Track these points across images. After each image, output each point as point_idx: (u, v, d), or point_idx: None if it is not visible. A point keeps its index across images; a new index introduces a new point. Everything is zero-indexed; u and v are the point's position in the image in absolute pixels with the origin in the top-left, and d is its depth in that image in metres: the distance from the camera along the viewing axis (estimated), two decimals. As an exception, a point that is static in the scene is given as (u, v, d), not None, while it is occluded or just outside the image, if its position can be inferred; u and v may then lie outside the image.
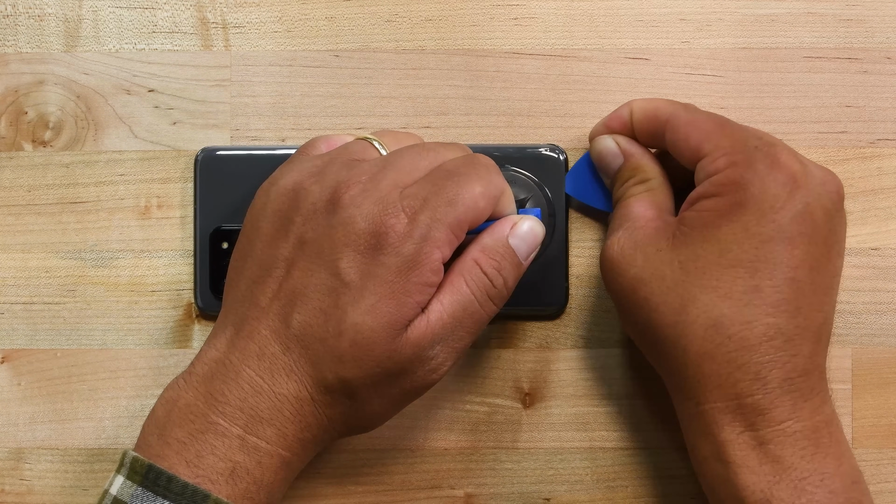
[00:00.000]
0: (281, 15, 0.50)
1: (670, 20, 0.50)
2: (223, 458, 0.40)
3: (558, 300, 0.49)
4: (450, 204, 0.40)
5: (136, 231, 0.50)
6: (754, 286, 0.41)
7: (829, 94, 0.50)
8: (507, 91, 0.50)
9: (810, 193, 0.41)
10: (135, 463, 0.40)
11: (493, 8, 0.50)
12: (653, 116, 0.45)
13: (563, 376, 0.49)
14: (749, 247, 0.41)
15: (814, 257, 0.41)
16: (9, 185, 0.50)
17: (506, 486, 0.49)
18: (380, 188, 0.40)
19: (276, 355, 0.40)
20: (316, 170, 0.42)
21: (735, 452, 0.41)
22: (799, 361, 0.41)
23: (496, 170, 0.42)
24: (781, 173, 0.41)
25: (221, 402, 0.40)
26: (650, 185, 0.46)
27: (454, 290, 0.41)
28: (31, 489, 0.49)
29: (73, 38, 0.50)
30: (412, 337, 0.40)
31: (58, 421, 0.50)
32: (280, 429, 0.40)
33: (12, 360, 0.50)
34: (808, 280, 0.41)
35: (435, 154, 0.42)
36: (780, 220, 0.41)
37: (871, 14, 0.50)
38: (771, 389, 0.40)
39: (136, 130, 0.50)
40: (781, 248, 0.41)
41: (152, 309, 0.50)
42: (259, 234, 0.42)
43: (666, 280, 0.42)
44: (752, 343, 0.40)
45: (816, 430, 0.41)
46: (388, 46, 0.50)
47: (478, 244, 0.42)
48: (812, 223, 0.41)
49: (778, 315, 0.41)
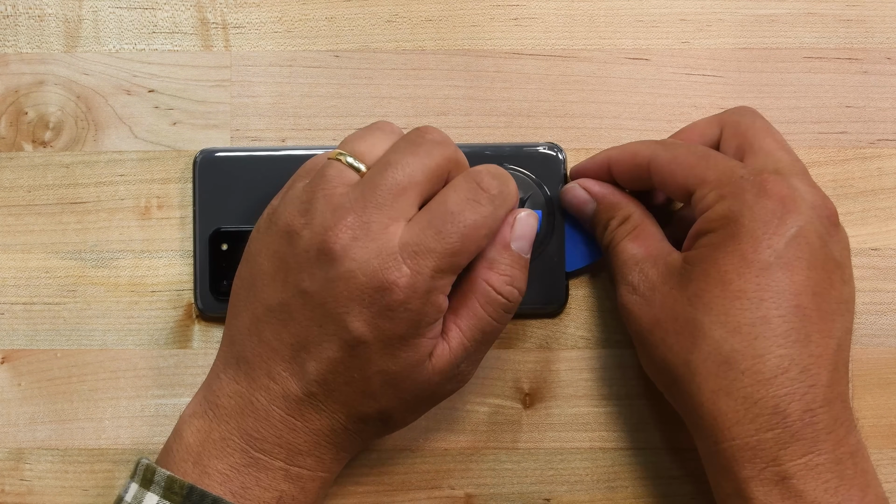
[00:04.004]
0: (281, 15, 0.50)
1: (670, 20, 0.50)
2: (269, 488, 0.41)
3: (558, 298, 0.49)
4: (453, 255, 0.40)
5: (136, 231, 0.50)
6: (761, 317, 0.40)
7: (829, 94, 0.50)
8: (507, 91, 0.50)
9: (801, 217, 0.41)
10: (171, 482, 0.40)
11: (493, 8, 0.50)
12: (632, 162, 0.45)
13: (563, 376, 0.49)
14: (750, 276, 0.40)
15: (815, 282, 0.40)
16: (9, 186, 0.50)
17: (506, 486, 0.49)
18: (371, 234, 0.39)
19: (301, 397, 0.41)
20: (303, 207, 0.41)
21: (757, 489, 0.40)
22: (818, 392, 0.40)
23: (495, 183, 0.41)
24: (770, 200, 0.41)
25: (258, 439, 0.41)
26: (633, 222, 0.45)
27: (471, 314, 0.42)
28: (31, 489, 0.49)
29: (74, 38, 0.50)
30: (437, 365, 0.42)
31: (58, 421, 0.50)
32: (319, 457, 0.42)
33: (12, 360, 0.50)
34: (813, 306, 0.40)
35: (410, 169, 0.40)
36: (776, 246, 0.40)
37: (871, 14, 0.50)
38: (791, 423, 0.39)
39: (137, 131, 0.50)
40: (782, 275, 0.40)
41: (152, 309, 0.50)
42: (260, 271, 0.42)
43: (678, 319, 0.41)
44: (766, 377, 0.40)
45: (840, 462, 0.40)
46: (388, 46, 0.50)
47: (484, 261, 0.42)
48: (808, 247, 0.40)
49: (789, 345, 0.40)
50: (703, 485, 0.49)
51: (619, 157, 0.45)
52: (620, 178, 0.46)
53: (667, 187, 0.43)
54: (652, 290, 0.43)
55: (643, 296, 0.43)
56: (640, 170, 0.44)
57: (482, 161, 0.48)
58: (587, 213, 0.47)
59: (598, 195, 0.46)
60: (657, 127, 0.50)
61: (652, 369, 0.44)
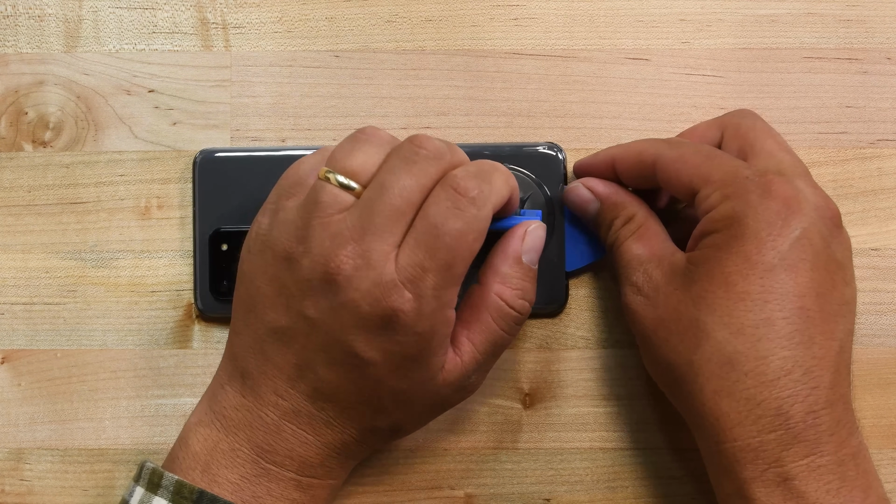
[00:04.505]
0: (281, 15, 0.50)
1: (670, 20, 0.50)
2: (280, 497, 0.42)
3: (558, 298, 0.49)
4: (448, 268, 0.39)
5: (136, 231, 0.50)
6: (765, 319, 0.40)
7: (829, 94, 0.50)
8: (507, 91, 0.50)
9: (805, 218, 0.41)
10: (180, 487, 0.40)
11: (493, 8, 0.50)
12: (637, 161, 0.45)
13: (563, 376, 0.49)
14: (754, 278, 0.40)
15: (818, 283, 0.40)
16: (9, 186, 0.50)
17: (506, 487, 0.49)
18: (371, 262, 0.39)
19: (313, 413, 0.41)
20: (299, 233, 0.40)
21: (759, 490, 0.40)
22: (821, 393, 0.40)
23: (472, 184, 0.40)
24: (775, 201, 0.41)
25: (269, 451, 0.41)
26: (637, 221, 0.45)
27: (483, 328, 0.42)
28: (31, 489, 0.49)
29: (74, 38, 0.50)
30: (449, 378, 0.42)
31: (58, 421, 0.50)
32: (329, 467, 0.43)
33: (12, 360, 0.50)
34: (816, 308, 0.40)
35: (407, 192, 0.39)
36: (780, 248, 0.40)
37: (871, 14, 0.50)
38: (794, 424, 0.39)
39: (137, 131, 0.50)
40: (786, 277, 0.40)
41: (152, 309, 0.50)
42: (259, 293, 0.41)
43: (682, 320, 0.41)
44: (769, 378, 0.40)
45: (842, 464, 0.40)
46: (388, 46, 0.50)
47: (496, 274, 0.42)
48: (811, 248, 0.40)
49: (793, 347, 0.40)
50: (703, 485, 0.49)
51: (623, 155, 0.45)
52: (625, 177, 0.46)
53: (671, 186, 0.43)
54: (656, 291, 0.43)
55: (647, 296, 0.43)
56: (645, 168, 0.44)
57: (482, 161, 0.48)
58: (590, 212, 0.47)
59: (602, 195, 0.46)
60: (657, 127, 0.50)
61: (655, 369, 0.44)
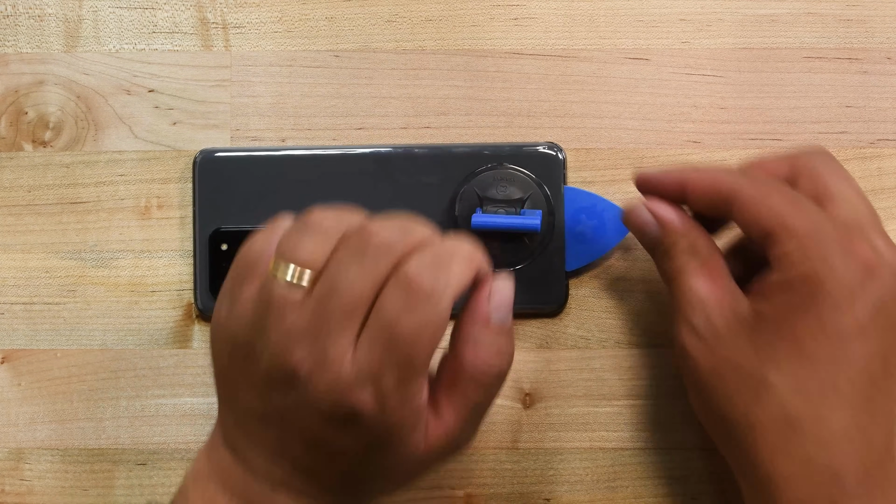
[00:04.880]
0: (281, 15, 0.50)
1: (670, 20, 0.50)
2: None
3: (558, 298, 0.49)
4: (408, 364, 0.37)
5: (136, 231, 0.50)
6: (831, 384, 0.39)
7: (829, 94, 0.50)
8: (507, 91, 0.50)
9: (884, 287, 0.40)
10: None
11: (493, 8, 0.50)
12: (713, 191, 0.42)
13: (563, 376, 0.49)
14: (825, 341, 0.39)
15: (887, 347, 0.40)
16: (9, 186, 0.50)
17: (506, 486, 0.49)
18: (328, 362, 0.37)
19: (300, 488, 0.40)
20: (256, 328, 0.39)
21: None
22: (874, 452, 0.39)
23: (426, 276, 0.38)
24: (855, 262, 0.40)
25: None
26: (702, 255, 0.43)
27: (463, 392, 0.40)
28: (31, 489, 0.49)
29: (73, 38, 0.50)
30: (436, 444, 0.40)
31: (58, 421, 0.50)
32: None
33: (12, 360, 0.50)
34: (881, 371, 0.40)
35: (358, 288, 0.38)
36: (857, 315, 0.39)
37: (871, 14, 0.50)
38: (846, 483, 0.39)
39: (136, 131, 0.50)
40: (858, 345, 0.39)
41: (152, 309, 0.50)
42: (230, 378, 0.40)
43: (741, 371, 0.41)
44: (828, 440, 0.39)
45: None
46: (388, 46, 0.50)
47: (468, 344, 0.40)
48: (886, 316, 0.40)
49: (853, 408, 0.39)
50: (703, 485, 0.49)
51: (697, 181, 0.43)
52: (694, 205, 0.44)
53: (746, 226, 0.42)
54: (715, 337, 0.41)
55: (705, 341, 0.42)
56: (721, 201, 0.42)
57: (482, 161, 0.48)
58: (649, 235, 0.44)
59: (668, 222, 0.44)
60: (657, 127, 0.50)
61: (706, 417, 0.43)
